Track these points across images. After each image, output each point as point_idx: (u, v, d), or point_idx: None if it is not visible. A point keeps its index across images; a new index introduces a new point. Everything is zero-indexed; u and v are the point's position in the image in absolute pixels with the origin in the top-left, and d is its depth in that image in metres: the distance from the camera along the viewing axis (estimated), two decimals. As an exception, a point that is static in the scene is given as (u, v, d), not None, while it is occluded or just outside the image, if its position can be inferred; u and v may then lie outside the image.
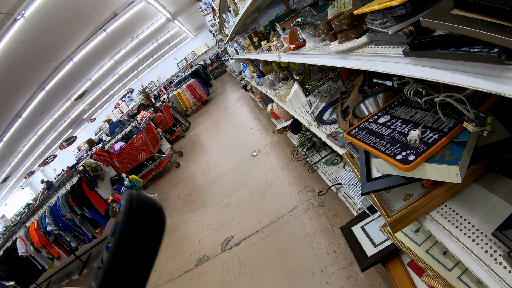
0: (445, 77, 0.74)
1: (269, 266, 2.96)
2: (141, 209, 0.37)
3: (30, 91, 10.32)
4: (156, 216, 0.38)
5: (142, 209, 0.38)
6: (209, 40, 23.88)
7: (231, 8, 5.02)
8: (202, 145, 8.52)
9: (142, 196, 0.38)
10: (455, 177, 0.94)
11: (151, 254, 0.37)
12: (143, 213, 0.37)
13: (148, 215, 0.37)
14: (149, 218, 0.37)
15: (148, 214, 0.37)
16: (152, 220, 0.37)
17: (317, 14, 2.14)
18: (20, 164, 17.70)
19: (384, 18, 1.00)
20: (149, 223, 0.37)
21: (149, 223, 0.37)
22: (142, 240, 0.36)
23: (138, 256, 0.36)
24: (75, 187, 5.34)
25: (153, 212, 0.38)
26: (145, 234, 0.36)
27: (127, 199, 0.38)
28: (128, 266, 0.35)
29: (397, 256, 1.88)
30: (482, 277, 0.88)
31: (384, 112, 1.41)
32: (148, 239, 0.37)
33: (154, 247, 0.37)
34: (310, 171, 3.84)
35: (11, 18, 6.19)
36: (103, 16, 9.67)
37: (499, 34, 0.55)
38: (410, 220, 1.16)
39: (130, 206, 0.37)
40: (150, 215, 0.38)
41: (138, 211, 0.37)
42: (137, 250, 0.36)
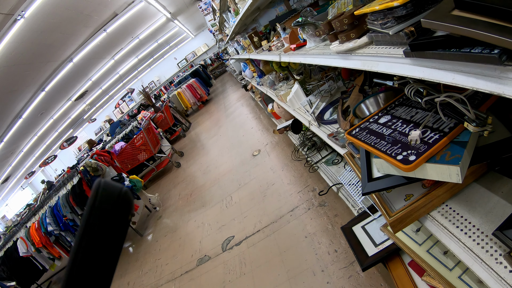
0: (446, 77, 0.74)
1: (270, 266, 2.96)
2: (105, 196, 0.37)
3: (30, 92, 10.32)
4: (120, 202, 0.38)
5: (106, 196, 0.38)
6: (209, 40, 23.86)
7: (231, 8, 5.03)
8: (202, 145, 8.52)
9: (108, 183, 0.38)
10: (455, 177, 0.94)
11: (117, 241, 0.37)
12: (106, 200, 0.37)
13: (112, 201, 0.37)
14: (113, 205, 0.37)
15: (112, 201, 0.37)
16: (117, 206, 0.37)
17: (317, 14, 2.15)
18: (21, 164, 17.70)
19: (385, 18, 1.00)
20: (113, 210, 0.37)
21: (113, 210, 0.37)
22: (106, 228, 0.36)
23: (103, 243, 0.36)
24: (75, 187, 5.34)
25: (118, 197, 0.38)
26: (108, 221, 0.36)
27: (93, 188, 0.38)
28: (93, 254, 0.36)
29: (398, 255, 1.89)
30: (482, 277, 0.89)
31: (385, 112, 1.41)
32: (112, 226, 0.37)
33: (120, 233, 0.37)
34: (311, 171, 3.84)
35: (11, 18, 6.19)
36: (103, 16, 9.66)
37: (500, 35, 0.55)
38: (411, 220, 1.16)
39: (95, 195, 0.37)
40: (114, 202, 0.37)
41: (101, 199, 0.37)
42: (101, 237, 0.36)
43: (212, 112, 12.22)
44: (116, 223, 0.36)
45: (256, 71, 6.10)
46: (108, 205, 0.37)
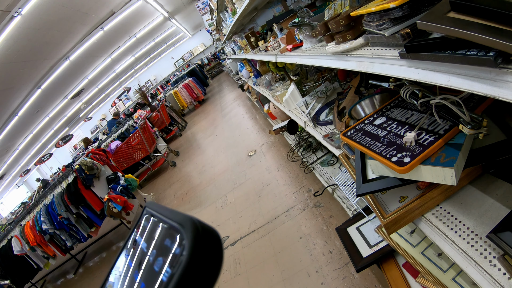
0: (441, 79, 0.74)
1: (264, 266, 2.96)
2: (207, 241, 0.33)
3: (26, 89, 10.30)
4: (219, 250, 0.33)
5: (208, 241, 0.33)
6: (207, 39, 23.87)
7: (229, 8, 5.02)
8: (198, 145, 8.52)
9: (206, 225, 0.34)
10: (450, 179, 0.94)
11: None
12: (208, 245, 0.33)
13: (212, 248, 0.33)
14: (213, 252, 0.32)
15: (213, 248, 0.33)
16: (215, 253, 0.33)
17: (314, 15, 2.15)
18: (16, 162, 17.66)
19: (381, 20, 1.00)
20: (211, 257, 0.32)
21: (212, 258, 0.32)
22: (203, 275, 0.31)
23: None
24: (70, 186, 5.32)
25: (217, 244, 0.33)
26: (207, 269, 0.31)
27: (191, 227, 0.33)
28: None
29: (392, 257, 1.89)
30: (476, 279, 0.89)
31: (380, 114, 1.41)
32: (208, 274, 0.32)
33: (212, 281, 0.32)
34: (306, 172, 3.85)
35: (8, 15, 6.18)
36: (101, 15, 9.65)
37: (495, 37, 0.55)
38: (405, 221, 1.16)
39: (197, 236, 0.32)
40: (214, 249, 0.33)
41: (204, 244, 0.32)
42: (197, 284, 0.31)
43: (209, 112, 12.21)
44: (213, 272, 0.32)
45: (252, 71, 6.10)
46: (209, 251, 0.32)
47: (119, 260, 0.45)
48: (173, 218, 0.37)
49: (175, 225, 0.35)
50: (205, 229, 0.33)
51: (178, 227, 0.35)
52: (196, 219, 0.34)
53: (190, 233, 0.32)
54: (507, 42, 0.53)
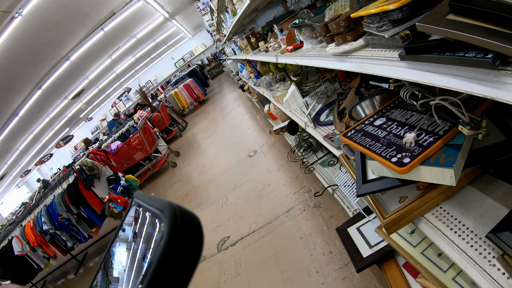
0: (440, 81, 0.75)
1: (265, 267, 2.97)
2: (186, 226, 0.33)
3: (27, 90, 10.30)
4: (198, 234, 0.33)
5: (186, 226, 0.33)
6: (207, 40, 23.87)
7: (229, 9, 5.03)
8: (199, 145, 8.51)
9: (185, 210, 0.34)
10: (449, 179, 0.95)
11: (188, 274, 0.32)
12: (187, 230, 0.33)
13: (191, 233, 0.33)
14: (192, 237, 0.33)
15: (192, 232, 0.33)
16: (194, 238, 0.33)
17: (314, 16, 2.15)
18: (17, 162, 17.65)
19: (381, 21, 1.00)
20: (191, 242, 0.32)
21: (191, 242, 0.32)
22: (182, 260, 0.31)
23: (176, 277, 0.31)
24: (71, 186, 5.33)
25: (196, 229, 0.34)
26: (185, 254, 0.32)
27: (170, 212, 0.34)
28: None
29: (392, 257, 1.89)
30: (476, 279, 0.89)
31: (380, 114, 1.42)
32: (187, 259, 0.32)
33: (192, 267, 0.32)
34: (307, 172, 3.85)
35: (8, 16, 6.18)
36: (101, 15, 9.66)
37: (494, 39, 0.56)
38: (405, 222, 1.16)
39: (175, 221, 0.33)
40: (193, 233, 0.33)
41: (182, 228, 0.33)
42: (175, 270, 0.31)
43: (209, 112, 12.21)
44: (192, 257, 0.32)
45: (253, 72, 6.10)
46: (188, 237, 0.32)
47: (110, 250, 0.46)
48: (154, 205, 0.37)
49: (156, 211, 0.36)
50: (184, 213, 0.33)
51: (158, 213, 0.35)
52: (175, 204, 0.35)
53: (168, 218, 0.33)
54: (505, 44, 0.54)
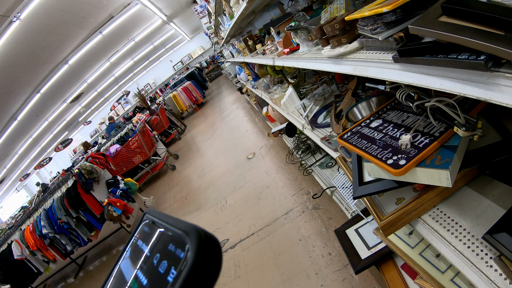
0: (434, 83, 0.75)
1: (264, 269, 2.97)
2: (208, 246, 0.34)
3: (25, 93, 10.31)
4: (218, 254, 0.34)
5: (209, 246, 0.34)
6: (205, 42, 23.89)
7: (227, 11, 5.03)
8: (197, 148, 8.51)
9: (207, 232, 0.35)
10: (445, 181, 0.95)
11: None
12: (210, 249, 0.34)
13: (213, 252, 0.34)
14: (213, 256, 0.34)
15: (213, 252, 0.34)
16: (215, 258, 0.34)
17: (310, 19, 2.15)
18: (16, 166, 17.66)
19: (375, 24, 1.00)
20: (212, 261, 0.33)
21: (213, 261, 0.33)
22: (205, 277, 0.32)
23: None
24: (70, 190, 5.32)
25: (217, 249, 0.34)
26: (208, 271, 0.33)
27: (196, 234, 0.34)
28: None
29: (391, 258, 1.89)
30: (473, 280, 0.89)
31: (377, 116, 1.42)
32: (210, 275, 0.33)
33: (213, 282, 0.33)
34: (305, 174, 3.85)
35: (7, 20, 6.19)
36: (99, 19, 9.67)
37: (486, 41, 0.56)
38: (402, 223, 1.16)
39: (200, 242, 0.34)
40: (214, 253, 0.34)
41: (206, 248, 0.34)
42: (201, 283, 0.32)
43: (208, 115, 12.21)
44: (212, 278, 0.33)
45: (251, 74, 6.10)
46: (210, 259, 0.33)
47: (120, 263, 0.46)
48: (177, 226, 0.38)
49: (179, 232, 0.37)
50: (207, 236, 0.34)
51: (182, 234, 0.36)
52: (199, 227, 0.36)
53: (195, 239, 0.34)
54: (498, 46, 0.54)
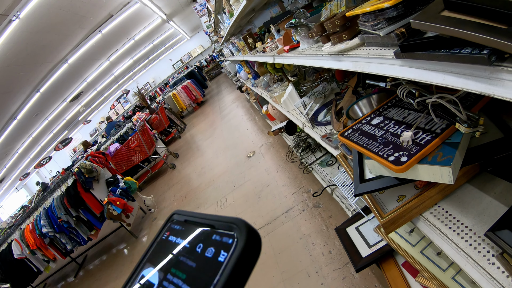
0: (436, 78, 0.74)
1: (264, 267, 2.96)
2: (254, 235, 0.36)
3: (25, 93, 10.30)
4: (260, 244, 0.37)
5: (255, 235, 0.36)
6: (205, 41, 23.88)
7: (226, 10, 5.02)
8: (197, 147, 8.51)
9: (252, 227, 0.37)
10: (447, 178, 0.94)
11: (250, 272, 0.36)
12: (255, 239, 0.36)
13: (257, 241, 0.36)
14: (257, 245, 0.36)
15: (257, 241, 0.36)
16: (258, 246, 0.36)
17: (310, 16, 2.15)
18: (15, 166, 17.66)
19: (376, 20, 1.00)
20: (257, 249, 0.36)
21: (257, 249, 0.36)
22: (252, 258, 0.35)
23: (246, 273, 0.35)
24: (70, 189, 5.31)
25: (259, 239, 0.37)
26: (253, 258, 0.35)
27: (243, 223, 0.37)
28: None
29: (391, 256, 1.89)
30: (475, 278, 0.89)
31: (377, 114, 1.41)
32: (254, 258, 0.36)
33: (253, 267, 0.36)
34: (305, 172, 3.84)
35: (6, 19, 6.18)
36: (99, 17, 9.66)
37: (489, 35, 0.55)
38: (404, 221, 1.16)
39: (249, 229, 0.36)
40: (258, 242, 0.36)
41: (252, 237, 0.36)
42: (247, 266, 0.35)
43: (207, 113, 12.21)
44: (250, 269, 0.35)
45: (251, 73, 6.10)
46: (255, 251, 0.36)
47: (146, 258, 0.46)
48: (219, 219, 0.40)
49: (224, 223, 0.39)
50: (250, 225, 0.37)
51: (228, 225, 0.38)
52: (247, 223, 0.37)
53: (244, 227, 0.36)
54: (501, 40, 0.53)
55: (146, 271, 0.43)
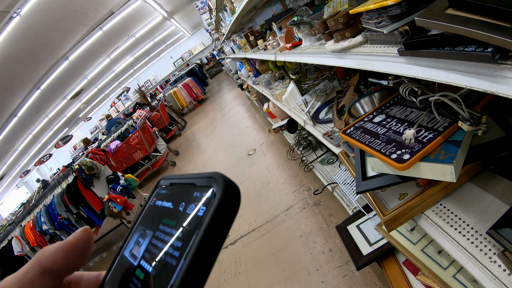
0: (440, 76, 0.74)
1: (265, 265, 2.96)
2: (232, 187, 0.36)
3: (25, 90, 10.30)
4: (238, 195, 0.36)
5: (232, 187, 0.36)
6: (206, 39, 23.84)
7: (228, 7, 5.02)
8: (198, 144, 8.51)
9: (230, 180, 0.37)
10: (449, 176, 0.94)
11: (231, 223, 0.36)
12: (233, 191, 0.36)
13: (235, 193, 0.36)
14: (235, 196, 0.36)
15: (235, 192, 0.36)
16: (237, 198, 0.36)
17: (313, 14, 2.14)
18: (16, 163, 17.66)
19: (380, 17, 1.00)
20: (235, 201, 0.36)
21: (235, 201, 0.36)
22: (230, 211, 0.35)
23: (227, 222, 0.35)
24: (70, 186, 5.32)
25: (237, 190, 0.36)
26: (232, 210, 0.36)
27: (221, 176, 0.37)
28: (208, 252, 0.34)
29: (392, 255, 1.89)
30: (476, 276, 0.89)
31: (380, 111, 1.41)
32: (233, 211, 0.36)
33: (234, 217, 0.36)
34: (306, 170, 3.85)
35: (7, 16, 6.18)
36: (100, 15, 9.65)
37: (493, 33, 0.55)
38: (405, 219, 1.16)
39: (225, 184, 0.36)
40: (236, 193, 0.36)
41: (230, 190, 0.36)
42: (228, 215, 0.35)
43: (208, 111, 12.20)
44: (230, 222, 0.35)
45: (252, 70, 6.10)
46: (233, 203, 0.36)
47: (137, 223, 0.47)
48: (200, 176, 0.40)
49: (204, 179, 0.39)
50: (229, 179, 0.36)
51: (207, 179, 0.38)
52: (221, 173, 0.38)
53: (221, 180, 0.36)
54: (505, 38, 0.53)
55: (133, 239, 0.44)
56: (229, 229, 0.35)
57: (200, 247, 0.33)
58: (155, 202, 0.46)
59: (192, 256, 0.32)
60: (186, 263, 0.32)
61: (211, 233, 0.34)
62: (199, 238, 0.33)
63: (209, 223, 0.34)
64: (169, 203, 0.43)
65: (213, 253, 0.33)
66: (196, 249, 0.33)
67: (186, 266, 0.32)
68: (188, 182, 0.42)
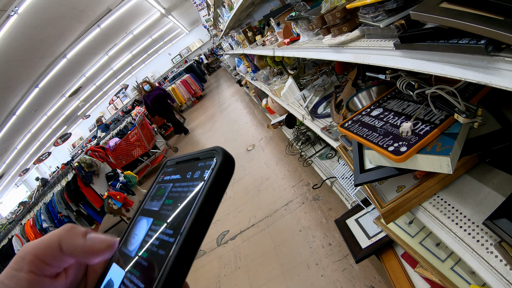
0: (435, 68, 0.75)
1: (264, 260, 2.98)
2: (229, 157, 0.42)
3: (24, 88, 10.28)
4: (233, 162, 0.42)
5: (229, 157, 0.42)
6: (204, 35, 23.82)
7: (226, 3, 5.02)
8: (197, 140, 8.51)
9: (227, 152, 0.42)
10: (446, 167, 0.95)
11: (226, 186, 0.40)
12: (229, 159, 0.42)
13: (231, 161, 0.42)
14: (231, 162, 0.42)
15: (231, 160, 0.42)
16: (232, 164, 0.42)
17: (311, 9, 2.15)
18: (15, 161, 17.64)
19: (376, 12, 1.00)
20: (231, 166, 0.41)
21: (231, 166, 0.41)
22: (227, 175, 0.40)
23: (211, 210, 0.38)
24: (70, 183, 5.32)
25: (232, 160, 0.42)
26: (228, 173, 0.41)
27: (223, 151, 0.42)
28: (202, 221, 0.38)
29: (391, 247, 1.90)
30: (474, 266, 0.90)
31: (377, 105, 1.42)
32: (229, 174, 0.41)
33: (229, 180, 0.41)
34: (305, 165, 3.86)
35: (4, 14, 6.17)
36: (97, 12, 9.63)
37: (486, 26, 0.56)
38: (403, 210, 1.17)
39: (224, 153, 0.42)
40: (232, 161, 0.42)
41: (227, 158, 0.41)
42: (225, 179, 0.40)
43: (207, 107, 12.20)
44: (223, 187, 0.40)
45: (250, 66, 6.10)
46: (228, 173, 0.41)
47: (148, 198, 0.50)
48: (204, 150, 0.45)
49: (207, 152, 0.44)
50: (227, 152, 0.42)
51: (210, 152, 0.43)
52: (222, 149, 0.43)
53: (221, 151, 0.42)
54: (498, 30, 0.54)
55: (147, 206, 0.48)
56: (227, 185, 0.40)
57: (208, 194, 0.38)
58: (164, 178, 0.50)
59: (202, 201, 0.38)
60: (197, 205, 0.38)
61: (214, 187, 0.38)
62: (207, 186, 0.39)
63: (213, 179, 0.39)
64: (177, 175, 0.47)
65: (217, 199, 0.39)
66: (204, 196, 0.38)
67: (198, 207, 0.37)
68: (192, 158, 0.46)
